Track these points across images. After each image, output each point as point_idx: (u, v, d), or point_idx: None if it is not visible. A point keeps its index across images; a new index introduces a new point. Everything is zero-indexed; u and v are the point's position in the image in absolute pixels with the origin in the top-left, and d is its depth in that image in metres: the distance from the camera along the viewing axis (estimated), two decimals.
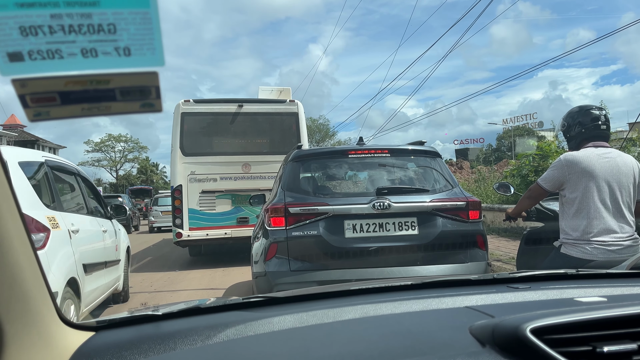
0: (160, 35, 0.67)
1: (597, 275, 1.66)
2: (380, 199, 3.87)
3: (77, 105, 0.70)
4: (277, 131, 9.86)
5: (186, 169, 9.34)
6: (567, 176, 2.87)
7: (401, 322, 1.13)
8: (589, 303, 1.15)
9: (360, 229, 3.86)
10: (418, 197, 4.02)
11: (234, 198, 9.50)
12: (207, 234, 9.35)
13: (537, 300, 1.26)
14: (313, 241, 3.81)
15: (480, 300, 1.25)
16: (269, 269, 3.82)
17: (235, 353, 1.00)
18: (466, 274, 3.80)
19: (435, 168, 4.35)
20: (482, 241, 4.05)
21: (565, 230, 2.91)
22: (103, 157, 66.53)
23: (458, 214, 3.98)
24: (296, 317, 1.16)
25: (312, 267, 3.84)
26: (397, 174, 4.48)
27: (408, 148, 4.54)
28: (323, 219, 3.82)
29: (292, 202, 3.88)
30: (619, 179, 2.83)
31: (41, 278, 0.97)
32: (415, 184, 4.37)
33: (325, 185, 4.60)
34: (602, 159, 2.84)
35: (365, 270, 3.83)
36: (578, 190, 2.84)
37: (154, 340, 1.05)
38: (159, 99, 0.73)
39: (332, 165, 4.57)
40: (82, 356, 1.01)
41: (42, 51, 0.64)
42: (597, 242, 2.77)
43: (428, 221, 3.92)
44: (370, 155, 4.30)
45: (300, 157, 4.31)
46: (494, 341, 0.88)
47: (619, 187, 2.82)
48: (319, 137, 46.98)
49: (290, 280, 3.72)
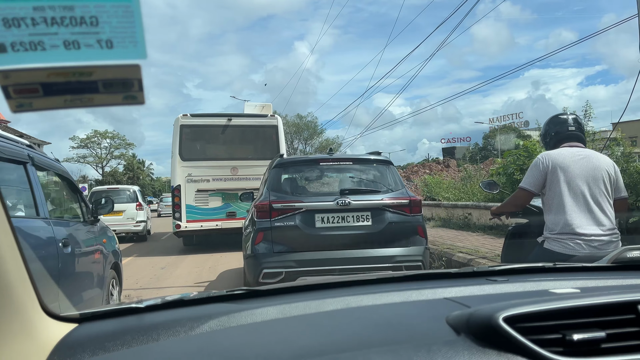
0: (142, 28, 0.68)
1: (575, 268, 1.70)
2: (343, 198, 4.93)
3: (60, 96, 0.71)
4: (260, 140, 11.90)
5: (184, 171, 11.31)
6: (546, 174, 2.98)
7: (381, 312, 1.15)
8: (562, 294, 1.18)
9: (327, 220, 4.93)
10: (372, 196, 5.09)
11: (224, 196, 11.47)
12: (202, 226, 11.33)
13: (513, 292, 1.29)
14: (291, 230, 4.83)
15: (459, 292, 1.28)
16: (257, 251, 4.81)
17: (218, 344, 1.02)
18: (409, 255, 4.95)
19: (387, 173, 5.42)
20: (421, 230, 5.10)
21: (548, 226, 2.99)
22: (89, 153, 65.58)
23: (403, 209, 5.03)
24: (279, 309, 1.18)
25: (290, 250, 4.83)
26: (357, 178, 5.56)
27: (367, 157, 5.66)
28: (299, 213, 4.86)
29: (275, 200, 4.89)
30: (595, 176, 2.92)
31: (24, 269, 0.97)
32: (370, 186, 5.40)
33: (301, 187, 5.55)
34: (576, 157, 2.96)
35: (331, 252, 4.85)
36: (557, 187, 2.94)
37: (137, 331, 1.06)
38: (141, 92, 0.74)
39: (306, 171, 5.69)
40: (65, 347, 1.01)
41: (25, 43, 0.65)
42: (579, 237, 2.84)
43: (379, 215, 4.98)
44: (337, 163, 5.45)
45: (281, 164, 5.36)
46: (469, 330, 0.90)
47: (596, 185, 2.92)
48: (307, 134, 46.50)
49: (274, 259, 4.74)
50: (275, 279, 4.69)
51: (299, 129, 45.64)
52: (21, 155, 3.52)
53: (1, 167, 3.29)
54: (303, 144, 46.56)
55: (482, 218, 11.15)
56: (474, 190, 13.96)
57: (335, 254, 4.85)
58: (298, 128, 45.61)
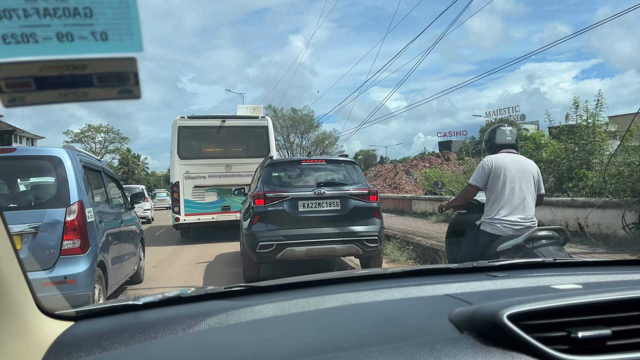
0: (138, 19, 0.66)
1: (574, 263, 1.69)
2: (319, 189, 6.51)
3: (53, 90, 0.69)
4: (251, 140, 13.08)
5: (182, 169, 12.32)
6: (489, 173, 3.73)
7: (381, 309, 1.14)
8: (565, 290, 1.17)
9: (307, 206, 6.48)
10: (341, 188, 6.68)
11: (219, 191, 12.40)
12: (199, 219, 12.35)
13: (515, 287, 1.28)
14: (280, 213, 6.36)
15: (460, 288, 1.27)
16: (254, 229, 6.31)
17: (216, 341, 1.00)
18: (368, 231, 6.48)
19: (353, 171, 7.09)
20: (378, 213, 6.74)
21: (485, 212, 3.79)
22: (83, 148, 64.94)
23: (364, 197, 6.66)
24: (278, 306, 1.16)
25: (280, 228, 6.33)
26: (329, 175, 7.09)
27: (337, 159, 7.65)
28: (286, 200, 6.42)
29: (268, 190, 6.48)
30: (524, 176, 3.72)
31: (19, 268, 0.95)
32: (340, 180, 6.95)
33: (287, 181, 7.06)
34: (512, 161, 3.75)
35: (310, 229, 6.35)
36: (497, 184, 3.70)
37: (135, 329, 1.04)
38: (137, 85, 0.72)
39: (291, 169, 7.29)
40: (61, 345, 1.00)
41: (17, 35, 0.63)
42: (507, 222, 3.64)
43: (346, 201, 6.57)
44: (314, 163, 7.23)
45: (272, 164, 7.04)
46: (472, 327, 0.89)
47: (525, 183, 3.70)
48: (303, 128, 46.08)
49: (267, 234, 6.25)
50: (268, 249, 6.19)
51: (295, 122, 45.30)
52: (98, 166, 5.95)
53: (91, 174, 5.39)
54: (299, 138, 46.22)
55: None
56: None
57: (313, 230, 6.37)
58: (294, 122, 45.29)
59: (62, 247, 4.40)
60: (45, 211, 4.48)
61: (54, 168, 4.65)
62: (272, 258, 6.31)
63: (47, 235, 4.38)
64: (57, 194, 4.61)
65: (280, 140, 44.11)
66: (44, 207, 4.56)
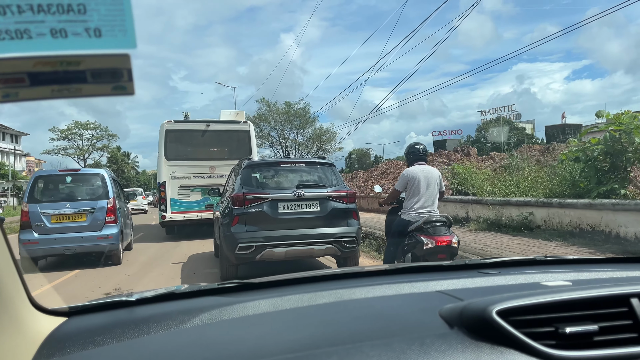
0: (132, 16, 0.66)
1: (565, 261, 1.71)
2: (298, 190, 6.50)
3: (47, 86, 0.69)
4: (234, 143, 14.06)
5: (169, 170, 13.31)
6: (407, 181, 5.29)
7: (374, 305, 1.15)
8: (554, 287, 1.18)
9: (287, 207, 6.46)
10: (319, 189, 6.71)
11: (203, 191, 13.09)
12: (184, 216, 13.36)
13: (506, 284, 1.29)
14: (260, 214, 6.33)
15: (452, 284, 1.28)
16: (234, 231, 6.27)
17: (209, 337, 1.01)
18: (346, 232, 6.55)
19: (331, 173, 7.13)
20: (355, 215, 6.82)
21: (404, 206, 5.34)
22: (70, 145, 62.96)
23: (342, 199, 6.72)
24: (271, 302, 1.17)
25: (259, 229, 6.29)
26: (308, 176, 7.08)
27: (315, 160, 7.77)
28: (265, 201, 6.38)
29: (247, 192, 6.42)
30: (430, 181, 5.27)
31: (12, 264, 0.96)
32: (318, 182, 6.95)
33: (266, 182, 6.99)
34: (422, 171, 5.32)
35: (290, 231, 6.34)
36: (412, 187, 5.25)
37: (128, 325, 1.05)
38: (131, 82, 0.72)
39: (270, 170, 7.21)
40: (54, 341, 1.00)
41: (11, 31, 0.63)
42: (416, 212, 5.18)
43: (325, 203, 6.61)
44: (293, 164, 7.22)
45: (250, 165, 6.99)
46: (462, 323, 0.90)
47: (431, 185, 5.26)
48: (299, 123, 42.44)
49: (247, 236, 6.20)
50: (248, 250, 6.17)
51: (289, 116, 43.30)
52: (117, 179, 11.25)
53: (115, 183, 10.41)
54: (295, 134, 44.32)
55: (552, 219, 8.64)
56: (528, 182, 10.69)
57: (293, 232, 6.36)
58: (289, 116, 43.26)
59: (105, 220, 9.06)
60: (97, 201, 9.18)
61: (100, 179, 9.55)
62: (252, 259, 6.23)
63: (98, 214, 9.03)
64: (102, 193, 9.34)
65: (275, 136, 42.76)
66: (96, 199, 9.23)
